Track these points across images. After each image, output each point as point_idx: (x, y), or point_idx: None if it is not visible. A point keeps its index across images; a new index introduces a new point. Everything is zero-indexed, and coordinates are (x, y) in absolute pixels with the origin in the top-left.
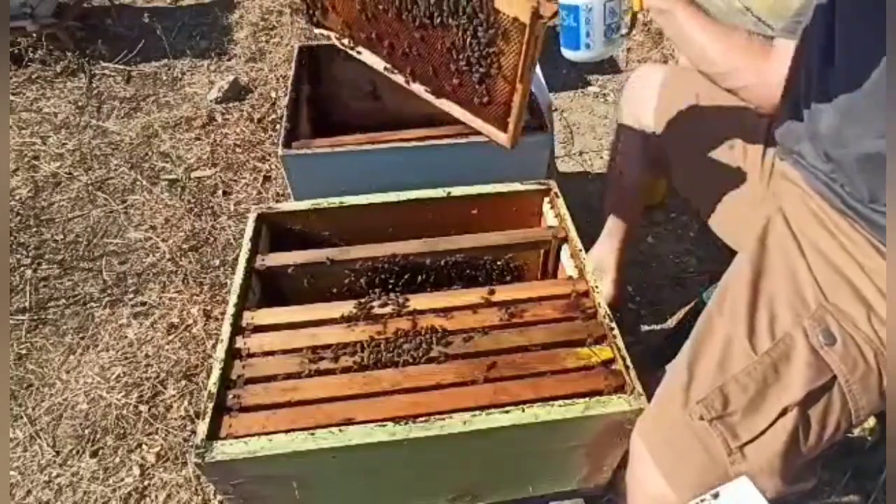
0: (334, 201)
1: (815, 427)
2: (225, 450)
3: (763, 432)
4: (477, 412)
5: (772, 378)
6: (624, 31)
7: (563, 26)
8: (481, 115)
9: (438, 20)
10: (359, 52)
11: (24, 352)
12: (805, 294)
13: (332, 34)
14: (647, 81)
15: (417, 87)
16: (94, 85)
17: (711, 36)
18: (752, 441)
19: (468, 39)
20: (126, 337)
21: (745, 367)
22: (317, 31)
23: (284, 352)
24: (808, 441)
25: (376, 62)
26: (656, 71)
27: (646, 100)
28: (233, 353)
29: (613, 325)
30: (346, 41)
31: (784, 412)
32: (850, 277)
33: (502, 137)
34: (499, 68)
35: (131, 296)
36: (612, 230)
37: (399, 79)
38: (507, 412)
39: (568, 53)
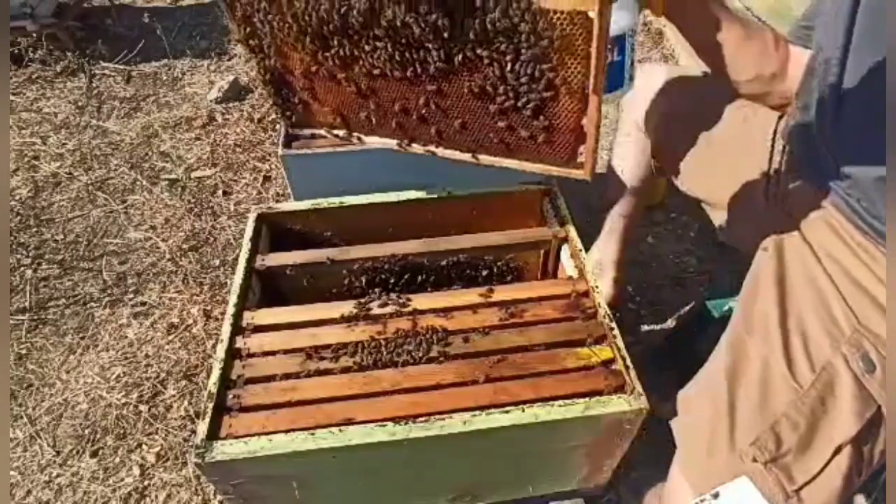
0: (334, 201)
1: (866, 460)
2: (225, 450)
3: (819, 473)
4: (477, 412)
5: (820, 411)
6: None
7: (607, 64)
8: (543, 157)
9: (459, 57)
10: (359, 139)
11: (24, 352)
12: (833, 310)
13: (322, 130)
14: (647, 81)
15: (448, 153)
16: (94, 85)
17: (741, 39)
18: (808, 483)
19: (510, 65)
20: (126, 337)
21: (792, 400)
22: (301, 132)
23: (284, 352)
24: (860, 476)
25: (386, 142)
26: (657, 71)
27: (647, 100)
28: (233, 353)
29: (613, 325)
30: (340, 132)
31: (838, 450)
32: (877, 297)
33: (578, 173)
34: (562, 82)
35: (131, 296)
36: (612, 230)
37: (419, 149)
38: (507, 412)
39: (611, 96)
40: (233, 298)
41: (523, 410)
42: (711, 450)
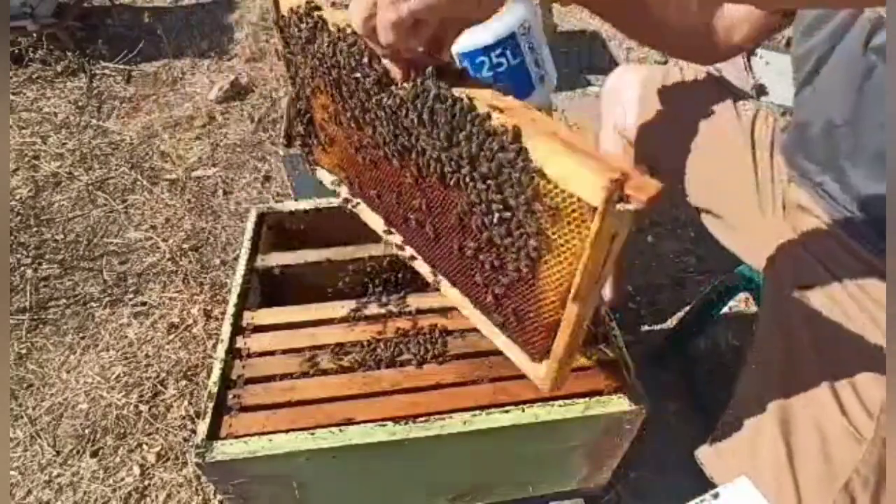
0: (334, 201)
1: None
2: (225, 450)
3: None
4: (477, 412)
5: (884, 460)
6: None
7: (503, 71)
8: (510, 332)
9: (452, 177)
10: (354, 206)
11: (24, 352)
12: (866, 335)
13: (330, 178)
14: (625, 83)
15: (424, 268)
16: (94, 85)
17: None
18: None
19: (484, 218)
20: (126, 337)
21: (860, 456)
22: (316, 170)
23: (284, 352)
24: None
25: (375, 221)
26: (635, 71)
27: (625, 103)
28: (233, 353)
29: (613, 325)
30: (343, 190)
31: None
32: None
33: (538, 377)
34: (545, 272)
35: (131, 296)
36: None
37: (398, 250)
38: (507, 412)
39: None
40: (233, 298)
41: (523, 410)
42: None
